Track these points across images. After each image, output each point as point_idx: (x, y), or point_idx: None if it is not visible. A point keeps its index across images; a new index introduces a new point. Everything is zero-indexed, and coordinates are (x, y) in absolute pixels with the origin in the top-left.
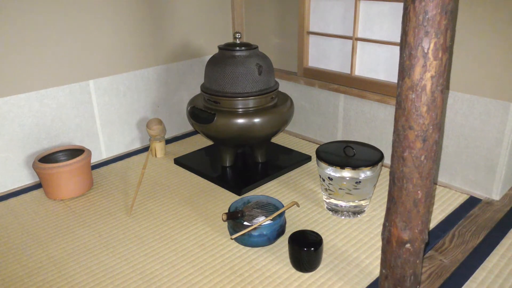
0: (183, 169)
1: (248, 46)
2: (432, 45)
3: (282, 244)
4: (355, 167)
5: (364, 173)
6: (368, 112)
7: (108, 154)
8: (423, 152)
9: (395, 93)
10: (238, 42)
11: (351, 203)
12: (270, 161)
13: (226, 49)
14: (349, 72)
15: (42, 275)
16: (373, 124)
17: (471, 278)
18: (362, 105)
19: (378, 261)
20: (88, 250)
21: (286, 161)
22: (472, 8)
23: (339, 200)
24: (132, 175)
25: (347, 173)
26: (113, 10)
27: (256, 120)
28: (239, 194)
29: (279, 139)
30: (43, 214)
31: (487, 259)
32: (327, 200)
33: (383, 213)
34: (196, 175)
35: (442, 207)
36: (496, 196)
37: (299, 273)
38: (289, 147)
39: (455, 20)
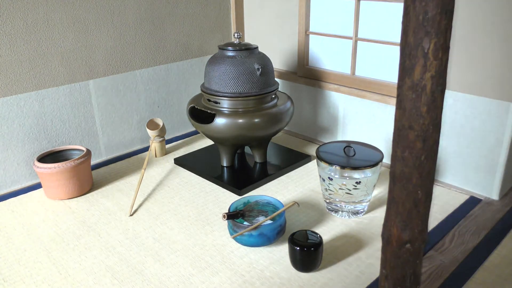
0: (183, 169)
1: (248, 46)
2: (432, 45)
3: (282, 244)
4: (355, 167)
5: (364, 173)
6: (368, 112)
7: (108, 154)
8: (423, 152)
9: (395, 93)
10: (238, 42)
11: (351, 203)
12: (270, 161)
13: (226, 49)
14: (349, 72)
15: (42, 275)
16: (373, 124)
17: (471, 278)
18: (362, 105)
19: (378, 261)
20: (88, 250)
21: (286, 161)
22: (472, 8)
23: (339, 200)
24: (132, 175)
25: (347, 173)
26: (113, 10)
27: (256, 120)
28: (239, 194)
29: (279, 139)
30: (43, 214)
31: (487, 259)
32: (327, 200)
33: (383, 213)
34: (196, 175)
35: (442, 207)
36: (496, 196)
37: (299, 273)
38: (289, 147)
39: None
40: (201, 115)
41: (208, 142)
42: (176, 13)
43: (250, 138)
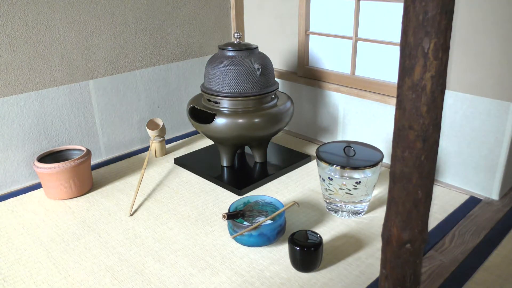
0: (183, 169)
1: (248, 46)
2: (432, 45)
3: (282, 244)
4: (355, 167)
5: (364, 173)
6: (368, 112)
7: (108, 154)
8: (423, 152)
9: (395, 93)
10: (238, 42)
11: (351, 203)
12: (270, 161)
13: (226, 49)
14: (349, 72)
15: (42, 275)
16: (373, 124)
17: (471, 278)
18: (362, 105)
19: (378, 261)
20: (88, 250)
21: (286, 161)
22: (472, 8)
23: (339, 200)
24: (132, 175)
25: (347, 173)
26: (113, 10)
27: (256, 120)
28: (239, 194)
29: (279, 139)
30: (43, 214)
31: (487, 259)
32: (327, 200)
33: (383, 213)
34: (196, 175)
35: (442, 207)
36: (496, 196)
37: (299, 273)
38: (289, 147)
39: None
40: (201, 115)
41: (208, 142)
42: (176, 13)
43: (250, 138)
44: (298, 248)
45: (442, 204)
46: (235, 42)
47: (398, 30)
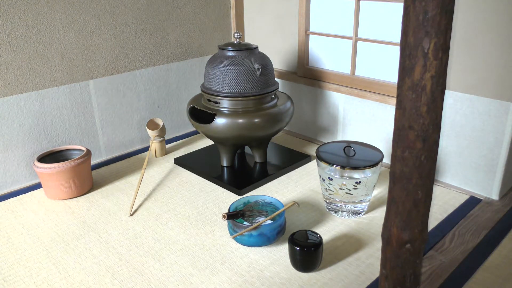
0: (183, 169)
1: (248, 46)
2: (432, 45)
3: (282, 244)
4: (355, 167)
5: (364, 173)
6: (368, 112)
7: (108, 154)
8: (423, 152)
9: (395, 93)
10: (238, 42)
11: (351, 203)
12: (270, 161)
13: (226, 49)
14: (349, 72)
15: (42, 275)
16: (373, 124)
17: (471, 278)
18: (362, 105)
19: (378, 261)
20: (88, 250)
21: (286, 161)
22: (472, 8)
23: (339, 200)
24: (132, 175)
25: (347, 173)
26: (113, 10)
27: (256, 120)
28: (239, 194)
29: (279, 139)
30: (43, 214)
31: (487, 259)
32: (327, 200)
33: (383, 213)
34: (196, 175)
35: (442, 207)
36: (496, 196)
37: (299, 273)
38: (289, 147)
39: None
40: (201, 115)
41: (208, 142)
42: (176, 13)
43: (250, 138)
44: (298, 248)
45: (442, 204)
46: (235, 42)
47: (398, 30)
